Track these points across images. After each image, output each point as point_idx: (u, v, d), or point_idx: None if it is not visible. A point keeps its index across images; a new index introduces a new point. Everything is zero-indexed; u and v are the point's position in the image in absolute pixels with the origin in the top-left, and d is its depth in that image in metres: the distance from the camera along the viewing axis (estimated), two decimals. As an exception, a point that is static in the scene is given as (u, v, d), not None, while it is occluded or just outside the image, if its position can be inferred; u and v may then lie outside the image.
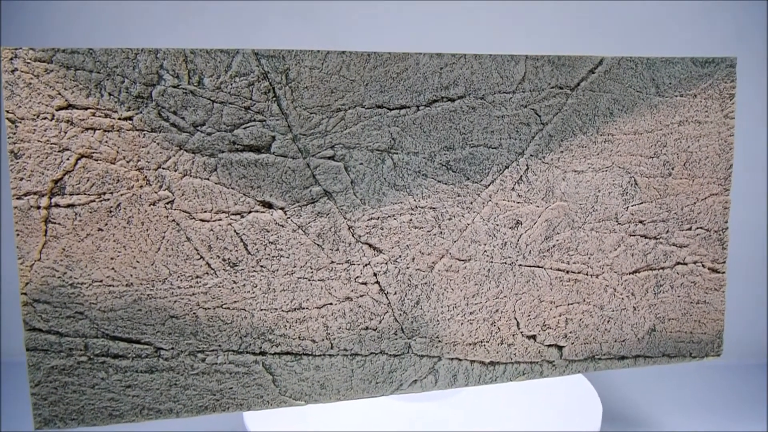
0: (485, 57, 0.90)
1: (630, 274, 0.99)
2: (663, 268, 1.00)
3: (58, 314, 0.81)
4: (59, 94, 0.78)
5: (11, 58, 0.77)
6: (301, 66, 0.84)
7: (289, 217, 0.86)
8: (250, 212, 0.85)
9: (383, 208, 0.89)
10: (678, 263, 1.01)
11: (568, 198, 0.95)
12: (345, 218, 0.88)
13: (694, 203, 1.00)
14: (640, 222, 0.98)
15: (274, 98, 0.84)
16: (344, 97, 0.86)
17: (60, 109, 0.78)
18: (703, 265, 1.02)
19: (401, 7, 1.60)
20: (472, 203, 0.92)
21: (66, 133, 0.79)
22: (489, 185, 0.92)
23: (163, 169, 0.82)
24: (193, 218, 0.83)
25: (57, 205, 0.79)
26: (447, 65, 0.88)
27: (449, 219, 0.91)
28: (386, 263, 0.90)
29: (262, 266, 0.86)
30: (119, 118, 0.80)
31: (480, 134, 0.91)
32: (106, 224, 0.81)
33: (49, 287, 0.80)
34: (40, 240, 0.79)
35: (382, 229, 0.89)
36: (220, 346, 0.86)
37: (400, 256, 0.90)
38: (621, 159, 0.96)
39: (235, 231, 0.85)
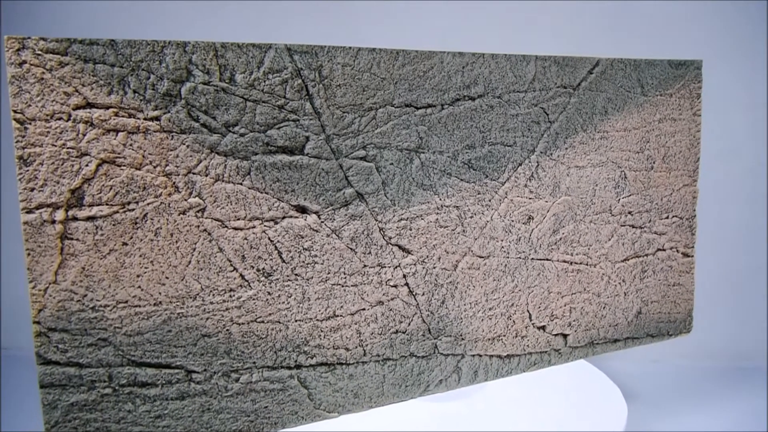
0: (501, 57, 0.92)
1: (621, 261, 1.06)
2: (647, 255, 1.09)
3: (77, 343, 0.71)
4: (76, 91, 0.68)
5: (18, 49, 0.66)
6: (333, 63, 0.80)
7: (323, 222, 0.82)
8: (284, 218, 0.80)
9: (412, 209, 0.88)
10: (658, 250, 1.10)
11: (571, 192, 1.00)
12: (376, 220, 0.86)
13: (671, 194, 1.09)
14: (629, 213, 1.06)
15: (307, 96, 0.79)
16: (375, 95, 0.83)
17: (77, 108, 0.68)
18: (677, 251, 1.12)
19: (399, 6, 1.60)
20: (490, 200, 0.93)
21: (85, 135, 0.69)
22: (505, 182, 0.94)
23: (194, 174, 0.74)
24: (226, 227, 0.77)
25: (75, 219, 0.69)
26: (468, 64, 0.89)
27: (471, 217, 0.92)
28: (415, 264, 0.89)
29: (296, 274, 0.81)
30: (145, 119, 0.71)
31: (497, 132, 0.92)
32: (131, 237, 0.72)
33: (66, 313, 0.70)
34: (56, 259, 0.69)
35: (411, 229, 0.88)
36: (254, 363, 0.80)
37: (427, 257, 0.90)
38: (614, 154, 1.03)
39: (269, 238, 0.79)
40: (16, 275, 1.75)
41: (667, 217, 1.09)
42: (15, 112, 0.66)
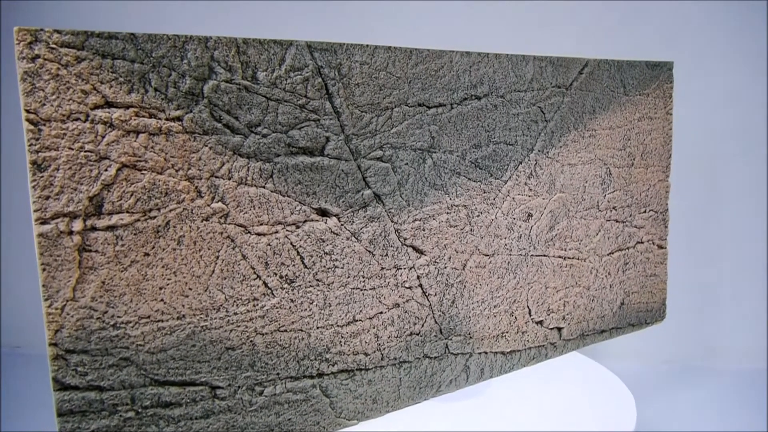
0: (503, 57, 0.93)
1: (607, 255, 1.10)
2: (629, 248, 1.14)
3: (98, 364, 0.65)
4: (94, 89, 0.62)
5: (30, 42, 0.59)
6: (351, 61, 0.78)
7: (342, 224, 0.80)
8: (305, 222, 0.77)
9: (425, 209, 0.87)
10: (638, 242, 1.15)
11: (565, 189, 1.02)
12: (393, 221, 0.84)
13: (648, 189, 1.15)
14: (614, 208, 1.10)
15: (327, 95, 0.77)
16: (391, 94, 0.82)
17: (96, 107, 0.63)
18: (653, 243, 1.17)
19: (390, 4, 1.58)
20: (495, 199, 0.94)
21: (104, 137, 0.63)
22: (507, 181, 0.95)
23: (216, 177, 0.70)
24: (249, 232, 0.73)
25: (94, 228, 0.63)
26: (474, 64, 0.89)
27: (477, 216, 0.93)
28: (428, 265, 0.88)
29: (318, 280, 0.78)
30: (167, 119, 0.66)
31: (501, 132, 0.93)
32: (153, 247, 0.67)
33: (86, 332, 0.64)
34: (74, 274, 0.63)
35: (424, 230, 0.87)
36: (278, 374, 0.77)
37: (439, 257, 0.89)
38: (600, 152, 1.06)
39: (291, 244, 0.76)
40: (16, 274, 1.83)
41: (645, 211, 1.15)
42: (28, 111, 0.59)
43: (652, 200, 1.15)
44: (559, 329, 1.06)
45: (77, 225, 0.62)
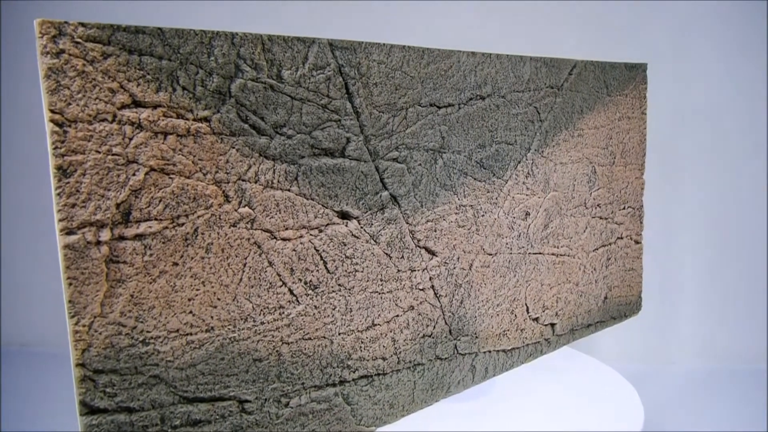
0: (504, 57, 0.93)
1: (593, 251, 1.14)
2: (611, 244, 1.17)
3: (127, 384, 0.60)
4: (122, 87, 0.58)
5: (54, 36, 0.54)
6: (369, 60, 0.76)
7: (362, 227, 0.78)
8: (328, 225, 0.75)
9: (436, 209, 0.86)
10: (618, 238, 1.19)
11: (557, 188, 1.05)
12: (408, 223, 0.83)
13: (627, 186, 1.19)
14: (598, 205, 1.13)
15: (347, 95, 0.75)
16: (406, 94, 0.81)
17: (123, 107, 0.58)
18: (631, 238, 1.22)
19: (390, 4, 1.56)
20: (497, 198, 0.95)
21: (131, 139, 0.59)
22: (508, 180, 0.96)
23: (243, 180, 0.67)
24: (275, 238, 0.70)
25: (122, 238, 0.59)
26: (479, 64, 0.90)
27: (482, 215, 0.93)
28: (439, 266, 0.88)
29: (340, 285, 0.76)
30: (194, 119, 0.62)
31: (502, 132, 0.94)
32: (182, 256, 0.63)
33: (115, 350, 0.59)
34: (102, 288, 0.58)
35: (435, 231, 0.87)
36: (303, 384, 0.74)
37: (449, 257, 0.89)
38: (587, 151, 1.09)
39: (315, 248, 0.73)
40: (23, 271, 1.87)
41: (624, 208, 1.19)
42: (53, 112, 0.54)
43: (630, 197, 1.20)
44: (553, 325, 1.08)
45: (105, 234, 0.57)
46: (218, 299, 0.66)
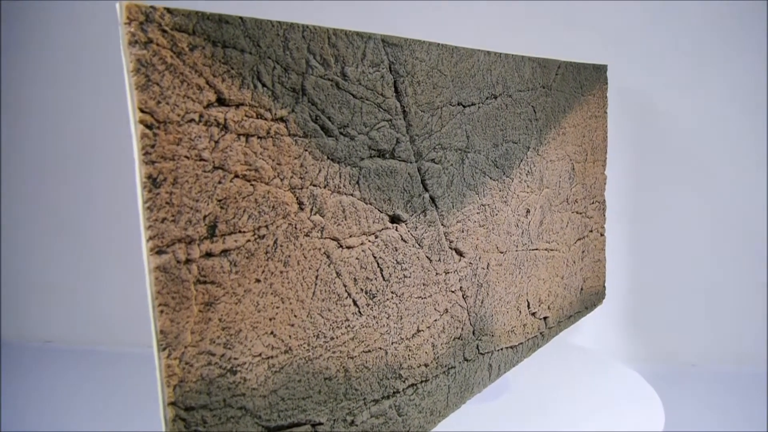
0: (510, 57, 0.94)
1: (573, 244, 1.18)
2: (585, 237, 1.23)
3: (218, 419, 0.53)
4: (208, 83, 0.51)
5: (142, 22, 0.46)
6: (414, 58, 0.74)
7: (409, 231, 0.75)
8: (382, 230, 0.71)
9: (464, 210, 0.85)
10: (590, 231, 1.25)
11: (549, 185, 1.08)
12: (443, 225, 0.81)
13: (595, 182, 1.25)
14: (576, 201, 1.18)
15: (395, 93, 0.71)
16: (442, 93, 0.79)
17: (209, 106, 0.51)
18: (598, 231, 1.28)
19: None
20: (507, 197, 0.96)
21: (218, 143, 0.52)
22: (514, 179, 0.97)
23: (314, 186, 0.61)
24: (341, 246, 0.65)
25: (209, 254, 0.52)
26: (493, 63, 0.90)
27: (496, 214, 0.93)
28: (467, 267, 0.87)
29: (393, 292, 0.73)
30: (272, 119, 0.56)
31: (510, 131, 0.95)
32: (263, 272, 0.56)
33: (206, 383, 0.52)
34: (192, 313, 0.50)
35: (463, 231, 0.86)
36: (364, 399, 0.70)
37: (473, 258, 0.88)
38: (569, 149, 1.14)
39: (373, 255, 0.69)
40: (45, 268, 1.88)
41: (593, 202, 1.25)
42: (143, 111, 0.46)
43: (597, 192, 1.26)
44: (545, 318, 1.11)
45: (194, 251, 0.50)
46: (295, 316, 0.60)
